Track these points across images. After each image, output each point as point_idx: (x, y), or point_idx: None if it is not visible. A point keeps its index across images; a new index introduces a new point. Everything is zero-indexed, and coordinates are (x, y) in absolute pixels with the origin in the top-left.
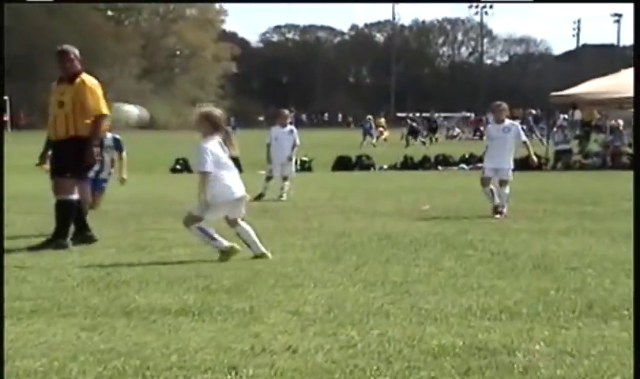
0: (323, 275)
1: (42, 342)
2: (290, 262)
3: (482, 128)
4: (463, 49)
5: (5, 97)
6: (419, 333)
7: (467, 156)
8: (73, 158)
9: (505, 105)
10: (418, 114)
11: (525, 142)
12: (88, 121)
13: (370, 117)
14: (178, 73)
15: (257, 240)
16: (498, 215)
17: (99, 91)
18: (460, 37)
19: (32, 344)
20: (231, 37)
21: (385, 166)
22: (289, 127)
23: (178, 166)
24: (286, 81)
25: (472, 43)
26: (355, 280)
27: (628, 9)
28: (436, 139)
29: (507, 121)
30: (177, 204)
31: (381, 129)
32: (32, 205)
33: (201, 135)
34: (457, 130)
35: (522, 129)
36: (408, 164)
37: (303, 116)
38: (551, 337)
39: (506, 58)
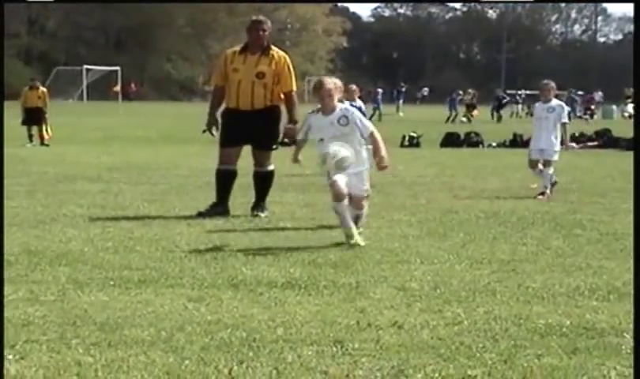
0: (430, 251)
1: (149, 311)
2: (396, 238)
3: (592, 106)
4: (576, 26)
5: (117, 68)
6: (525, 312)
7: (577, 135)
8: (275, 126)
9: (552, 84)
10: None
11: (563, 124)
12: (279, 94)
13: (460, 92)
14: (289, 47)
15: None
16: (540, 197)
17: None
18: (573, 15)
19: (140, 314)
20: (343, 11)
21: (494, 144)
22: (358, 103)
23: (286, 140)
24: (396, 56)
25: (586, 20)
26: (462, 257)
27: (628, 9)
28: (499, 117)
29: (554, 101)
30: (284, 176)
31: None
32: (139, 176)
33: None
34: (567, 108)
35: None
36: (517, 142)
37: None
38: None
39: (620, 37)
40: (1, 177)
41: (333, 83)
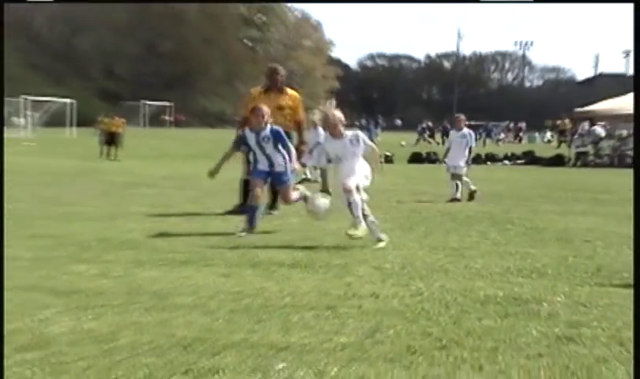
0: (399, 240)
1: (190, 284)
2: None
3: (521, 133)
4: (509, 75)
5: (171, 103)
6: (470, 286)
7: (509, 154)
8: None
9: (463, 116)
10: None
11: (470, 148)
12: (294, 122)
13: (428, 124)
14: (296, 88)
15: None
16: (471, 198)
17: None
18: (507, 66)
19: (183, 286)
20: (336, 62)
21: None
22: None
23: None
24: (375, 96)
25: (516, 70)
26: (423, 245)
27: (629, 9)
28: (443, 142)
29: (465, 130)
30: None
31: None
32: (184, 183)
33: (341, 130)
34: (502, 135)
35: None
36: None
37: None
38: (569, 292)
39: (541, 82)
40: (2, 177)
41: (334, 116)
